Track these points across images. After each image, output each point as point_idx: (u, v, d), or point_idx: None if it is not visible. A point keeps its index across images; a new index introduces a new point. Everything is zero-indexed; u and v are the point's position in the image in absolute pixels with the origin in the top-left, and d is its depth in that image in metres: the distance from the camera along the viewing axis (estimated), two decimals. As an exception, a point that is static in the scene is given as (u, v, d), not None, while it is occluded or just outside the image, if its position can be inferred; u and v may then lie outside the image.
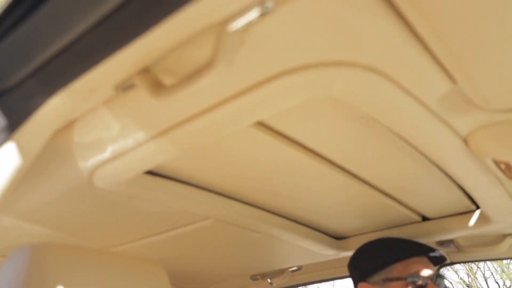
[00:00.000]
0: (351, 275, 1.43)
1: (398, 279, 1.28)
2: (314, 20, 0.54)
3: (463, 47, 0.59)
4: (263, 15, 0.51)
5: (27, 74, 0.59)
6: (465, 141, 0.85)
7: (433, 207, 1.35)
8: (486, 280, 11.27)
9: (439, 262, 1.37)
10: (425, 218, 1.44)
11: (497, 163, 0.92)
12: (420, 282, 1.27)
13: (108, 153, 0.80)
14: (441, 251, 1.32)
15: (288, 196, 1.21)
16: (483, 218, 1.30)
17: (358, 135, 0.93)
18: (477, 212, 1.32)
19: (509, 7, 0.53)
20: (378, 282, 1.31)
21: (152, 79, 0.61)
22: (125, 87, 0.64)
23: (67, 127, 0.80)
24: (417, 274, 1.27)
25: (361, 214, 1.38)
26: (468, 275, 11.41)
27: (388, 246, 1.34)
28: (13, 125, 0.60)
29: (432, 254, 1.32)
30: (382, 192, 1.23)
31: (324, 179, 1.11)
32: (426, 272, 1.29)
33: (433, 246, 1.42)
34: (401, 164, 1.06)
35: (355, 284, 1.40)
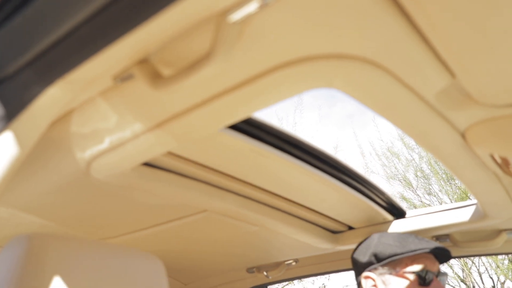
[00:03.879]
0: (355, 266, 1.43)
1: (404, 272, 1.29)
2: (314, 13, 0.54)
3: (462, 41, 0.58)
4: (262, 6, 0.50)
5: (24, 63, 0.59)
6: (463, 135, 0.85)
7: (356, 219, 1.49)
8: (480, 275, 11.35)
9: (444, 259, 1.38)
10: (351, 228, 1.58)
11: (494, 158, 0.92)
12: (426, 277, 1.27)
13: (105, 144, 0.80)
14: (448, 249, 1.33)
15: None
16: (479, 213, 1.30)
17: (261, 163, 1.04)
18: (474, 207, 1.33)
19: (508, 2, 0.53)
20: (384, 274, 1.31)
21: (150, 69, 0.61)
22: (123, 77, 0.63)
23: (65, 117, 0.79)
24: (424, 270, 1.28)
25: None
26: (462, 270, 11.49)
27: (396, 239, 1.34)
28: (10, 115, 0.59)
29: (439, 251, 1.32)
30: (307, 208, 1.36)
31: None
32: (433, 268, 1.30)
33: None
34: (309, 185, 1.20)
35: (358, 274, 1.40)
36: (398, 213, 1.51)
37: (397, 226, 1.47)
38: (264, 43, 0.59)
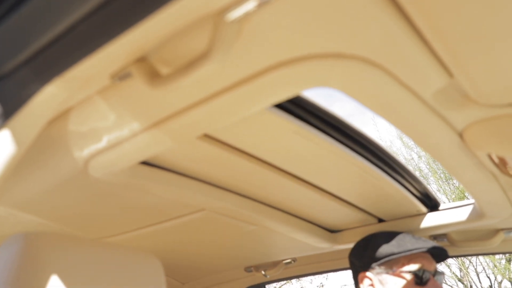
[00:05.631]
0: (352, 265, 1.44)
1: (401, 271, 1.29)
2: (312, 11, 0.54)
3: (461, 41, 0.58)
4: (261, 5, 0.50)
5: (22, 61, 0.58)
6: (461, 135, 0.85)
7: (388, 210, 1.43)
8: (478, 275, 11.38)
9: (441, 259, 1.38)
10: (381, 220, 1.51)
11: (491, 157, 0.92)
12: (423, 277, 1.28)
13: (103, 142, 0.80)
14: (444, 248, 1.33)
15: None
16: (477, 213, 1.31)
17: (302, 146, 0.99)
18: (471, 207, 1.33)
19: (507, 2, 0.53)
20: (381, 273, 1.32)
21: (148, 68, 0.61)
22: (121, 76, 0.63)
23: (62, 116, 0.79)
24: (421, 269, 1.28)
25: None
26: (460, 269, 11.52)
27: (393, 239, 1.35)
28: (7, 113, 0.59)
29: (436, 251, 1.33)
30: (337, 197, 1.31)
31: (286, 187, 1.19)
32: (430, 268, 1.30)
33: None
34: (347, 172, 1.14)
35: (356, 274, 1.40)
36: (432, 205, 1.45)
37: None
38: (262, 42, 0.59)
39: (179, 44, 0.59)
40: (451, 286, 11.61)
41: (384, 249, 1.33)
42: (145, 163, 0.99)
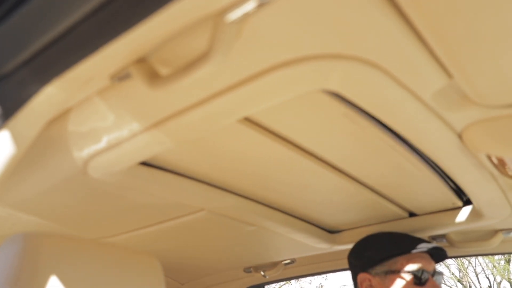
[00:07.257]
0: (351, 266, 1.44)
1: (400, 272, 1.29)
2: (312, 12, 0.54)
3: (460, 42, 0.59)
4: (260, 6, 0.50)
5: (21, 62, 0.59)
6: (460, 136, 0.85)
7: (421, 203, 1.38)
8: (477, 276, 11.39)
9: (440, 259, 1.38)
10: (412, 214, 1.46)
11: (490, 158, 0.92)
12: (421, 277, 1.28)
13: (102, 143, 0.80)
14: (443, 248, 1.33)
15: (282, 190, 1.21)
16: (475, 214, 1.31)
17: (343, 132, 0.94)
18: (470, 208, 1.33)
19: (506, 3, 0.53)
20: (380, 274, 1.32)
21: (148, 69, 0.61)
22: (120, 77, 0.63)
23: (62, 116, 0.79)
24: (420, 269, 1.28)
25: (354, 208, 1.39)
26: (459, 270, 11.53)
27: (392, 239, 1.35)
28: (7, 113, 0.59)
29: (434, 251, 1.33)
30: (370, 189, 1.25)
31: (314, 176, 1.13)
32: (428, 268, 1.30)
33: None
34: (388, 161, 1.08)
35: (355, 275, 1.40)
36: (467, 197, 1.35)
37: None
38: (261, 43, 0.59)
39: (178, 44, 0.59)
40: (450, 287, 11.62)
41: (383, 249, 1.33)
42: (144, 163, 0.99)
